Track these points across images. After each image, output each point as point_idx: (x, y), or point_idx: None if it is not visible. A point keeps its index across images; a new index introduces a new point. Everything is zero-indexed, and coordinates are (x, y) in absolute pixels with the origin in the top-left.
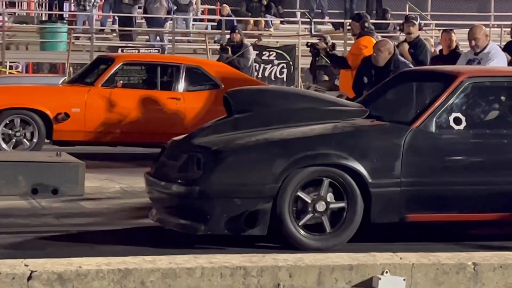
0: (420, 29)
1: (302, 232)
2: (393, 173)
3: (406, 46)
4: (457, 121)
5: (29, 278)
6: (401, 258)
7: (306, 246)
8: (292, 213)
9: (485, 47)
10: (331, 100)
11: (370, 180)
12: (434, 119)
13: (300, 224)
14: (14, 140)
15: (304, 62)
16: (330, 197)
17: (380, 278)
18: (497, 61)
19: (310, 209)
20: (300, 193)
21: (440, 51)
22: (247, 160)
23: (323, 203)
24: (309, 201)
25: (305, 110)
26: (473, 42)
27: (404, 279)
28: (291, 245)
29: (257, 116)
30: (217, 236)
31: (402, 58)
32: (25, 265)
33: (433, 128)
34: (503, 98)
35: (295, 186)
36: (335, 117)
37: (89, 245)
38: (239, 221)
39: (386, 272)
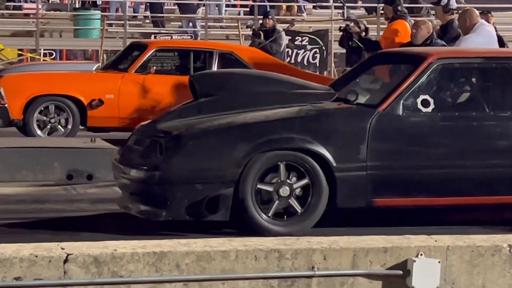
0: (447, 11)
1: (264, 217)
2: (359, 157)
3: (437, 28)
4: (425, 103)
5: (65, 261)
6: (435, 241)
7: (269, 231)
8: (254, 198)
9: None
10: (298, 83)
11: (334, 164)
12: (401, 101)
13: (270, 215)
14: (48, 126)
15: (337, 47)
16: (294, 181)
17: (415, 261)
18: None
19: (275, 198)
20: (260, 186)
21: None
22: (209, 144)
23: (287, 187)
24: (272, 190)
25: (271, 94)
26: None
27: (439, 262)
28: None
29: (222, 100)
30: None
31: (439, 40)
32: (61, 248)
33: (400, 111)
34: (473, 79)
35: (257, 171)
36: (301, 100)
37: (124, 230)
38: (201, 206)
39: (421, 255)
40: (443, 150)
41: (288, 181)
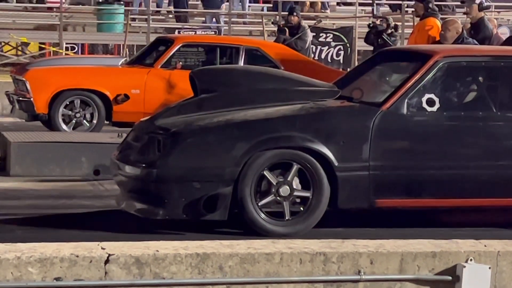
0: (481, 9)
1: (263, 216)
2: (361, 157)
3: (466, 26)
4: (430, 102)
5: (107, 261)
6: (485, 246)
7: (268, 231)
8: (253, 197)
9: None
10: (301, 80)
11: (336, 164)
12: (406, 100)
13: (259, 204)
14: (74, 121)
15: (361, 44)
16: (295, 181)
17: (464, 266)
18: None
19: (273, 192)
20: (266, 172)
21: None
22: (207, 142)
23: (287, 187)
24: (274, 183)
25: (273, 91)
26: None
27: (489, 267)
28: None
29: (223, 96)
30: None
31: (471, 39)
32: (102, 248)
33: (404, 110)
34: (480, 78)
35: (257, 170)
36: (304, 98)
37: (158, 228)
38: (199, 205)
39: (471, 260)
40: (448, 150)
41: (292, 183)
